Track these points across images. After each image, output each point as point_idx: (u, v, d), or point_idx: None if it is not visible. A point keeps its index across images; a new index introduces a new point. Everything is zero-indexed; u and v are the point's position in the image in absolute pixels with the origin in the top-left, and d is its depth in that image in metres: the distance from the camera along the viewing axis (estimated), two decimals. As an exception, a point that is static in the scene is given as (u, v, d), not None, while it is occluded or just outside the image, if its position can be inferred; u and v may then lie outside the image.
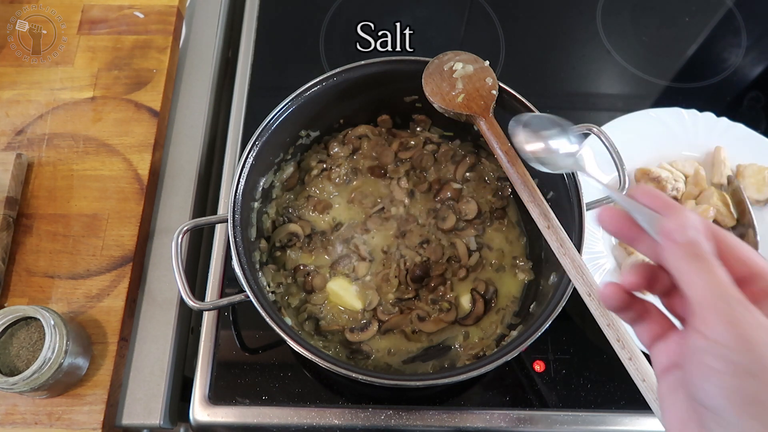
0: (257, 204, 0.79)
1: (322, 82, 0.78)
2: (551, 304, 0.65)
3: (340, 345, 0.76)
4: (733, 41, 1.08)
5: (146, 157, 0.87)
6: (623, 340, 0.49)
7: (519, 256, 0.81)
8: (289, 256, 0.81)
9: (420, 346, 0.76)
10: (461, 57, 0.78)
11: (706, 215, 0.81)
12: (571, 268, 0.57)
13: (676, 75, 1.04)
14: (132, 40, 0.97)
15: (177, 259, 0.67)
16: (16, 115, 0.90)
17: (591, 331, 0.79)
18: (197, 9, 1.07)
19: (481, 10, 1.09)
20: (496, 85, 0.75)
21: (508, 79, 0.76)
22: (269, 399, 0.74)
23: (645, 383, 0.47)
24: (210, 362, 0.76)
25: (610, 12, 1.09)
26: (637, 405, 0.75)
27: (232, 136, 0.93)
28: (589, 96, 1.02)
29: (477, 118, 0.74)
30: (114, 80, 0.93)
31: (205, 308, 0.74)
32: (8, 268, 0.79)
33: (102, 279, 0.79)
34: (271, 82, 0.99)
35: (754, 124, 0.93)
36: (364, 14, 1.07)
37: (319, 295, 0.78)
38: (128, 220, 0.83)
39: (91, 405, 0.72)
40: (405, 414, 0.73)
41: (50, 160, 0.87)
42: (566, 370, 0.77)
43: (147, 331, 0.80)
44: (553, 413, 0.74)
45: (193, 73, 1.00)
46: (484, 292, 0.78)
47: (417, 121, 0.88)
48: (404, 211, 0.84)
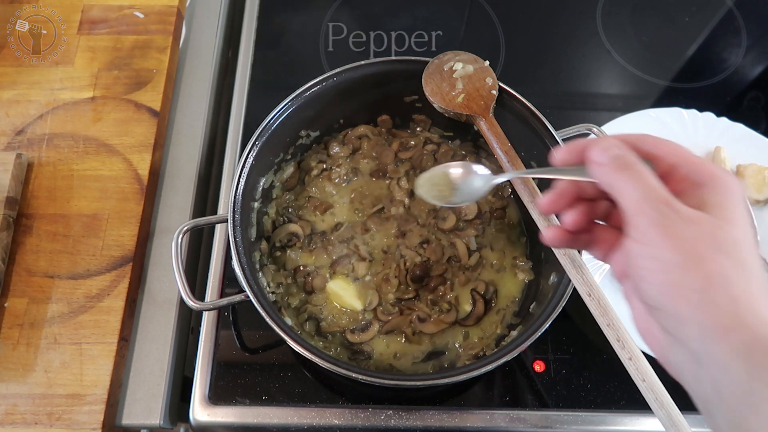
0: (257, 204, 0.79)
1: (322, 82, 0.78)
2: (551, 304, 0.65)
3: (341, 346, 0.76)
4: (733, 41, 1.08)
5: (146, 157, 0.87)
6: (623, 340, 0.50)
7: (519, 256, 0.81)
8: (289, 257, 0.81)
9: (423, 350, 0.76)
10: (461, 57, 0.78)
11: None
12: (571, 268, 0.57)
13: (676, 75, 1.04)
14: (132, 40, 0.97)
15: (177, 259, 0.67)
16: (16, 115, 0.90)
17: (591, 331, 0.79)
18: (197, 9, 1.07)
19: (481, 10, 1.09)
20: (496, 85, 0.75)
21: (508, 79, 0.76)
22: (269, 399, 0.74)
23: (645, 383, 0.47)
24: (210, 362, 0.76)
25: (610, 12, 1.09)
26: (637, 405, 0.75)
27: (232, 136, 0.93)
28: (589, 96, 1.02)
29: (477, 118, 0.74)
30: (114, 80, 0.93)
31: (205, 308, 0.74)
32: (8, 268, 0.79)
33: (102, 279, 0.79)
34: (271, 82, 0.99)
35: (754, 124, 0.93)
36: (364, 14, 1.07)
37: (319, 296, 0.78)
38: (128, 220, 0.83)
39: (91, 405, 0.72)
40: (405, 414, 0.73)
41: (50, 160, 0.87)
42: (566, 370, 0.77)
43: (147, 331, 0.80)
44: (553, 413, 0.74)
45: (193, 73, 1.00)
46: (484, 293, 0.78)
47: (417, 121, 0.88)
48: (404, 211, 0.84)
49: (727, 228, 0.38)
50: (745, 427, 0.35)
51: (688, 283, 0.37)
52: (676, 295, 0.37)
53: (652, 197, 0.39)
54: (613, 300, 0.52)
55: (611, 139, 0.43)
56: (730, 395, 0.36)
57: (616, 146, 0.42)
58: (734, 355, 0.35)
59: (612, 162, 0.41)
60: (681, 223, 0.38)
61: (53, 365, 0.74)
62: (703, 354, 0.37)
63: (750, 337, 0.35)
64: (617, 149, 0.42)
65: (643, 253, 0.39)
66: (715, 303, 0.36)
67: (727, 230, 0.38)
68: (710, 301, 0.36)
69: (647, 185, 0.39)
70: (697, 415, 0.39)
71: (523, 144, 0.74)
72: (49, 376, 0.73)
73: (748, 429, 0.35)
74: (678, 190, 0.41)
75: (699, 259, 0.37)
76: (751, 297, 0.37)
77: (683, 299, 0.37)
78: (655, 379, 0.47)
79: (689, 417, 0.45)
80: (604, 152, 0.42)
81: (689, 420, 0.45)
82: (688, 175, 0.41)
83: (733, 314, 0.36)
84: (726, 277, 0.37)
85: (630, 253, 0.40)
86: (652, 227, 0.38)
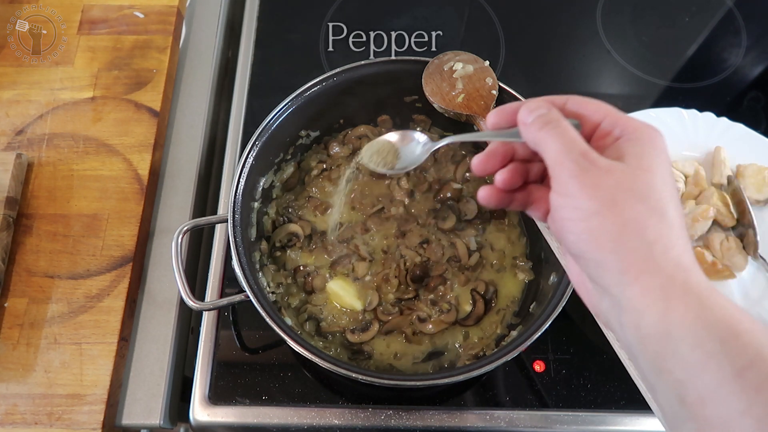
0: (257, 204, 0.79)
1: (322, 82, 0.78)
2: (551, 304, 0.65)
3: (341, 346, 0.76)
4: (733, 41, 1.08)
5: (146, 157, 0.87)
6: (623, 340, 0.50)
7: (519, 256, 0.81)
8: (289, 256, 0.81)
9: (423, 350, 0.76)
10: (461, 57, 0.78)
11: (706, 215, 0.81)
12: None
13: (676, 75, 1.04)
14: (132, 40, 0.97)
15: (177, 259, 0.67)
16: (16, 115, 0.90)
17: (591, 331, 0.79)
18: (197, 9, 1.07)
19: (481, 10, 1.09)
20: (496, 85, 0.75)
21: (508, 79, 0.76)
22: (269, 399, 0.74)
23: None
24: (210, 362, 0.76)
25: (610, 12, 1.09)
26: (637, 405, 0.75)
27: (232, 136, 0.93)
28: (589, 96, 1.02)
29: (477, 118, 0.74)
30: (114, 80, 0.93)
31: (205, 308, 0.74)
32: (8, 268, 0.79)
33: (102, 279, 0.79)
34: (271, 82, 0.99)
35: (754, 124, 0.93)
36: (364, 14, 1.07)
37: (319, 296, 0.79)
38: (128, 220, 0.83)
39: (91, 405, 0.72)
40: (405, 414, 0.73)
41: (50, 160, 0.87)
42: (566, 370, 0.77)
43: (147, 331, 0.80)
44: (553, 413, 0.74)
45: (193, 73, 1.00)
46: (484, 293, 0.78)
47: (417, 121, 0.88)
48: (404, 211, 0.84)
49: (642, 176, 0.39)
50: (664, 369, 0.36)
51: (605, 228, 0.38)
52: (595, 242, 0.39)
53: (571, 150, 0.40)
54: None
55: (539, 100, 0.45)
56: (648, 338, 0.37)
57: (542, 107, 0.43)
58: (650, 297, 0.37)
59: (537, 120, 0.43)
60: (598, 172, 0.39)
61: (53, 365, 0.74)
62: (622, 298, 0.38)
63: (665, 280, 0.37)
64: (543, 109, 0.43)
65: (565, 204, 0.40)
66: (630, 247, 0.37)
67: (642, 178, 0.39)
68: (625, 245, 0.38)
69: (567, 139, 0.41)
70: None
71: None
72: (49, 376, 0.73)
73: (667, 370, 0.36)
74: (602, 145, 0.43)
75: (614, 206, 0.38)
76: (665, 240, 0.38)
77: (601, 245, 0.39)
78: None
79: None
80: (530, 113, 0.43)
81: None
82: (610, 130, 0.43)
83: (647, 258, 0.37)
84: (640, 222, 0.38)
85: (553, 206, 0.42)
86: (571, 179, 0.40)
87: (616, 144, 0.42)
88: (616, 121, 0.43)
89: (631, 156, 0.40)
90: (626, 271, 0.38)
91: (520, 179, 0.48)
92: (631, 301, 0.37)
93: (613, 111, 0.44)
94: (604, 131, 0.43)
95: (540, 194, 0.48)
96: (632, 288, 0.37)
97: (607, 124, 0.43)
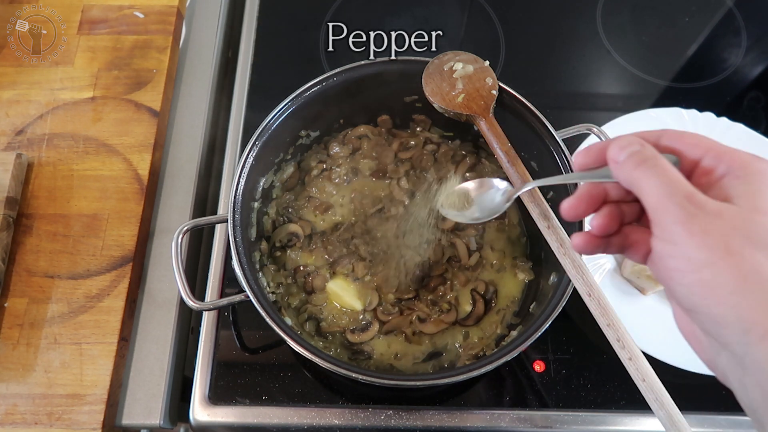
0: (257, 204, 0.79)
1: (322, 82, 0.78)
2: (551, 304, 0.65)
3: (341, 346, 0.76)
4: (733, 41, 1.08)
5: (146, 157, 0.87)
6: (623, 340, 0.50)
7: (519, 256, 0.81)
8: (289, 257, 0.81)
9: (423, 350, 0.76)
10: (461, 57, 0.78)
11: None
12: (571, 268, 0.57)
13: (676, 75, 1.04)
14: (132, 40, 0.97)
15: (177, 259, 0.67)
16: (16, 115, 0.90)
17: (591, 331, 0.79)
18: (197, 9, 1.07)
19: (481, 10, 1.09)
20: (496, 85, 0.75)
21: (508, 79, 0.76)
22: (269, 399, 0.74)
23: (645, 383, 0.47)
24: (210, 362, 0.76)
25: (610, 12, 1.09)
26: (637, 405, 0.75)
27: (232, 136, 0.93)
28: (589, 96, 1.02)
29: (477, 118, 0.74)
30: (114, 80, 0.93)
31: (205, 308, 0.74)
32: (8, 268, 0.79)
33: (102, 279, 0.79)
34: (271, 82, 0.99)
35: (754, 124, 0.93)
36: (364, 14, 1.07)
37: (319, 296, 0.78)
38: (128, 220, 0.83)
39: (91, 405, 0.72)
40: (405, 414, 0.73)
41: (50, 160, 0.87)
42: (566, 370, 0.77)
43: (147, 331, 0.80)
44: (553, 413, 0.74)
45: (193, 73, 1.00)
46: (484, 293, 0.78)
47: (417, 121, 0.88)
48: (404, 211, 0.83)
49: (758, 219, 0.35)
50: None
51: (721, 282, 0.34)
52: (710, 297, 0.35)
53: (674, 192, 0.36)
54: (613, 300, 0.52)
55: (630, 136, 0.41)
56: None
57: (634, 142, 0.40)
58: None
59: (630, 158, 0.39)
60: (706, 217, 0.35)
61: (53, 365, 0.74)
62: (747, 358, 0.34)
63: None
64: (636, 146, 0.39)
65: (671, 252, 0.36)
66: (753, 302, 0.33)
67: (758, 221, 0.35)
68: (746, 300, 0.33)
69: (668, 180, 0.37)
70: (697, 414, 0.39)
71: (523, 144, 0.74)
72: (49, 376, 0.73)
73: None
74: (705, 183, 0.39)
75: (729, 256, 0.34)
76: None
77: (718, 300, 0.34)
78: (655, 379, 0.47)
79: (689, 417, 0.45)
80: (622, 150, 0.39)
81: (689, 420, 0.45)
82: (714, 166, 0.39)
83: None
84: (762, 273, 0.33)
85: (657, 254, 0.38)
86: (676, 225, 0.36)
87: (721, 182, 0.38)
88: (719, 156, 0.39)
89: (742, 196, 0.36)
90: (750, 330, 0.33)
91: (617, 223, 0.44)
92: (757, 362, 0.33)
93: (716, 145, 0.40)
94: (707, 168, 0.39)
95: (637, 236, 0.43)
96: (758, 348, 0.33)
97: (710, 160, 0.39)
